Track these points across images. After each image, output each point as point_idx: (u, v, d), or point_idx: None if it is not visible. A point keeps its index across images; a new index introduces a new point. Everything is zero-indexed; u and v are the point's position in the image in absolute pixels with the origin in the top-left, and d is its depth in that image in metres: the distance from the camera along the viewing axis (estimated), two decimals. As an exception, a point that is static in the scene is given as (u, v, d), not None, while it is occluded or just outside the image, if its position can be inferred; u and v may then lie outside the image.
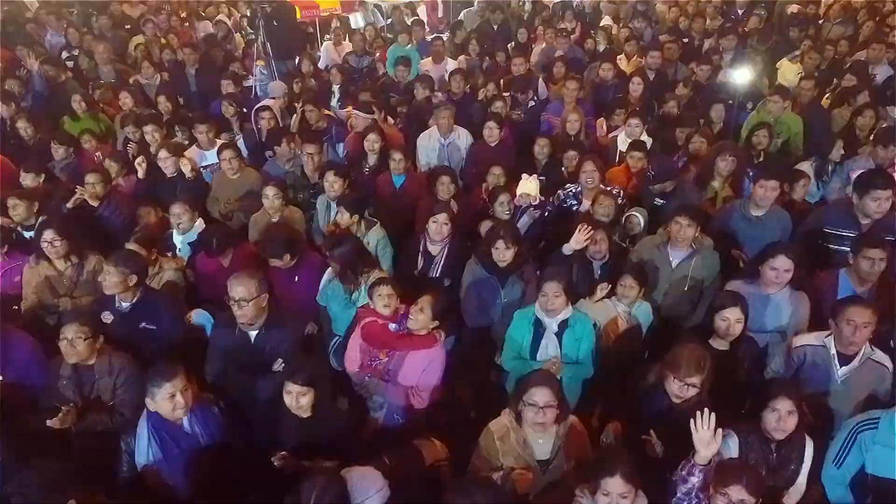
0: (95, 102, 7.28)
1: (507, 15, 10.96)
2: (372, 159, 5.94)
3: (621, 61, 8.63)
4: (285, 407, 3.22)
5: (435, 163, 6.47)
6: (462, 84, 7.34)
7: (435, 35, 9.20)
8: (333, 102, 7.86)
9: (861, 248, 4.04)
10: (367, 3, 10.02)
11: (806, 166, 5.81)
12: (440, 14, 12.86)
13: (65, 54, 9.40)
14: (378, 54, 8.93)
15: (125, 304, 3.95)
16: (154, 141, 6.12)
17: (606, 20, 10.50)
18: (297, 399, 3.19)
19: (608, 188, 5.27)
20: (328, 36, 10.22)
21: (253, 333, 3.67)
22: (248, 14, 8.06)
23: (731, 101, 7.06)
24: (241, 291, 3.50)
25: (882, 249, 3.97)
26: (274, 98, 7.21)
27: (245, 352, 3.64)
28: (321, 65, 9.91)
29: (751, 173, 5.70)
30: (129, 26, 10.53)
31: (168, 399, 3.14)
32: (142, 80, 8.32)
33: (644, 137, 6.07)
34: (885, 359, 3.53)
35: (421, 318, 3.70)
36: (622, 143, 6.18)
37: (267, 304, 3.67)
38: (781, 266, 3.92)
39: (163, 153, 5.67)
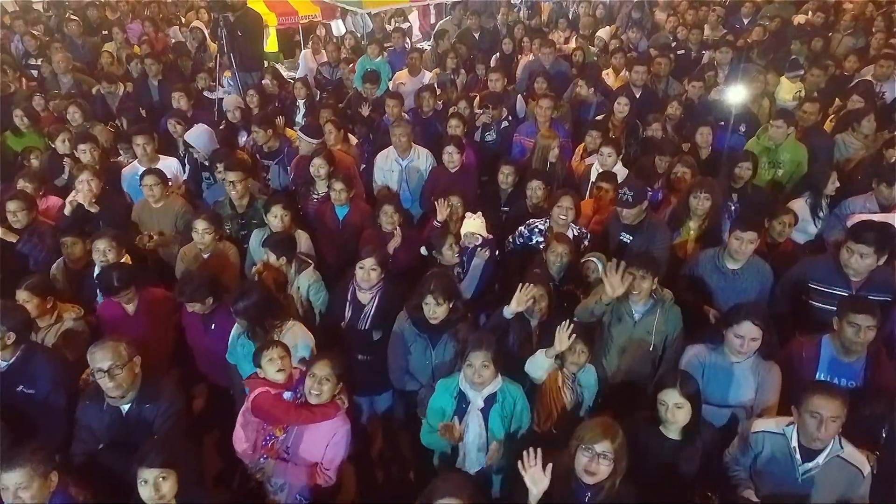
0: (39, 117, 6.84)
1: (496, 23, 10.45)
2: (321, 187, 5.44)
3: (609, 76, 8.08)
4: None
5: (393, 186, 6.00)
6: (431, 101, 6.83)
7: (412, 47, 8.68)
8: (299, 118, 7.40)
9: (846, 311, 3.48)
10: (354, 10, 9.50)
11: (800, 204, 5.23)
12: (432, 20, 12.35)
13: (32, 62, 9.05)
14: (351, 66, 8.44)
15: (1, 364, 3.50)
16: (91, 161, 5.66)
17: (604, 31, 9.91)
18: (157, 488, 2.70)
19: (576, 230, 4.75)
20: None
21: (125, 407, 3.19)
22: (211, 23, 7.59)
23: (721, 123, 6.48)
24: (107, 359, 3.03)
25: (870, 315, 3.40)
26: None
27: (116, 429, 3.16)
28: (299, 74, 9.47)
29: (732, 204, 5.17)
30: (106, 32, 10.18)
31: (11, 493, 2.68)
32: (103, 91, 7.91)
33: (619, 168, 5.50)
34: (858, 459, 2.96)
35: (325, 390, 3.20)
36: (595, 173, 5.62)
37: (140, 371, 3.18)
38: (747, 334, 3.38)
39: (84, 175, 5.19)
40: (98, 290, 4.36)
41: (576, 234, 4.73)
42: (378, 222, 4.85)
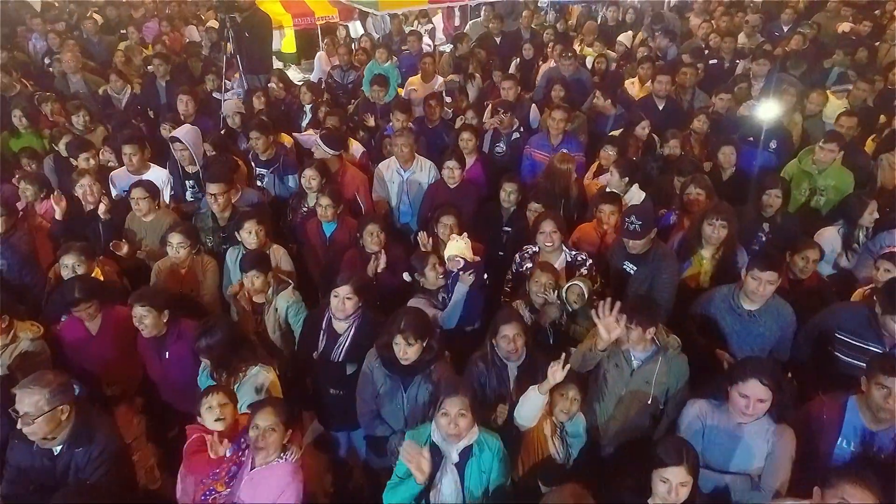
0: (38, 118, 6.69)
1: (519, 26, 10.04)
2: (311, 200, 5.14)
3: (634, 85, 7.61)
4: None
5: (392, 199, 5.67)
6: (438, 109, 6.48)
7: (424, 52, 8.33)
8: (304, 123, 7.12)
9: (876, 372, 3.02)
10: (373, 12, 9.21)
11: (831, 233, 4.74)
12: (457, 22, 12.00)
13: (47, 60, 9.00)
14: (361, 69, 8.13)
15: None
16: (93, 168, 5.46)
17: (625, 36, 9.41)
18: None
19: (570, 255, 4.34)
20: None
21: (56, 449, 2.92)
22: (217, 25, 7.38)
23: (750, 139, 5.98)
24: (25, 404, 2.75)
25: (905, 380, 2.94)
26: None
27: (47, 472, 2.90)
28: (314, 77, 9.24)
29: (763, 234, 4.69)
30: (124, 31, 10.09)
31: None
32: (111, 92, 7.76)
33: (634, 191, 5.05)
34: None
35: (271, 442, 2.89)
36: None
37: (73, 412, 2.90)
38: (753, 394, 2.95)
39: (85, 180, 4.99)
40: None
41: (569, 259, 4.32)
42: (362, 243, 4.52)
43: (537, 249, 4.39)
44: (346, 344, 3.77)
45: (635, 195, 5.01)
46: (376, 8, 8.74)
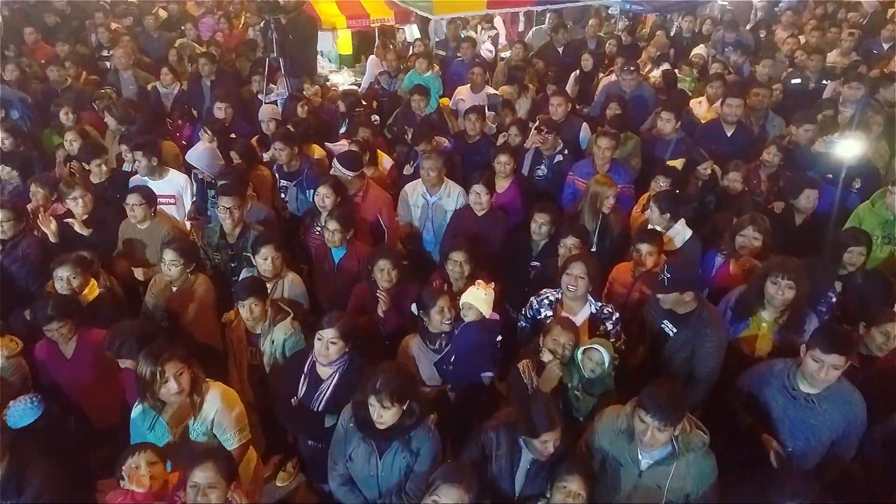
0: (82, 115, 6.63)
1: (584, 35, 9.40)
2: (324, 220, 4.76)
3: (701, 105, 6.88)
4: None
5: (417, 224, 5.24)
6: (479, 124, 5.99)
7: (475, 60, 7.85)
8: (344, 131, 6.80)
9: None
10: (427, 15, 8.81)
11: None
12: (521, 28, 11.45)
13: (105, 54, 9.10)
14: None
15: None
16: (100, 176, 5.32)
17: (699, 49, 8.62)
18: None
19: (595, 307, 3.77)
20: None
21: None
22: (261, 26, 7.18)
23: (829, 175, 5.20)
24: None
25: None
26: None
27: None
28: (365, 81, 8.94)
29: (834, 295, 3.97)
30: (184, 27, 10.10)
31: None
32: (160, 89, 7.71)
33: (679, 227, 4.42)
34: None
35: (213, 499, 2.52)
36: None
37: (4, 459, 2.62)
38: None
39: (76, 192, 4.74)
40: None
41: (594, 311, 3.76)
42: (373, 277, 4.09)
43: (559, 296, 3.85)
44: (328, 392, 3.36)
45: (679, 234, 4.37)
46: (431, 12, 8.34)
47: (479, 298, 3.64)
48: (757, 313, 3.74)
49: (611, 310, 3.79)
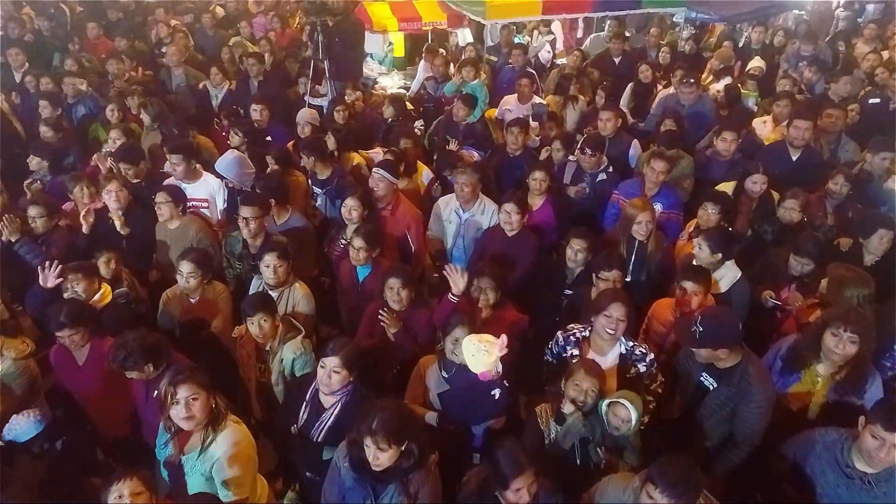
0: (129, 112, 6.67)
1: (644, 44, 8.95)
2: (350, 233, 4.59)
3: (766, 125, 6.38)
4: None
5: (447, 241, 5.01)
6: (521, 137, 5.70)
7: (524, 70, 7.53)
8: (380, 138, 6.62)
9: None
10: (480, 20, 8.53)
11: None
12: (579, 34, 11.05)
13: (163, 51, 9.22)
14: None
15: None
16: (130, 176, 5.30)
17: (756, 62, 8.04)
18: None
19: (626, 347, 3.44)
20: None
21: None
22: (308, 28, 7.08)
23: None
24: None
25: None
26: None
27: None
28: (413, 86, 8.77)
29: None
30: (239, 25, 10.17)
31: None
32: (209, 88, 7.73)
33: (729, 267, 4.01)
34: None
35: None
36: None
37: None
38: None
39: (112, 185, 4.75)
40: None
41: (624, 351, 3.44)
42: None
43: (587, 334, 3.53)
44: (329, 423, 3.18)
45: (727, 276, 3.98)
46: (483, 16, 8.08)
47: (482, 361, 3.21)
48: (811, 367, 3.34)
49: (644, 350, 3.46)
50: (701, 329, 3.09)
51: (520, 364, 3.93)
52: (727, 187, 5.03)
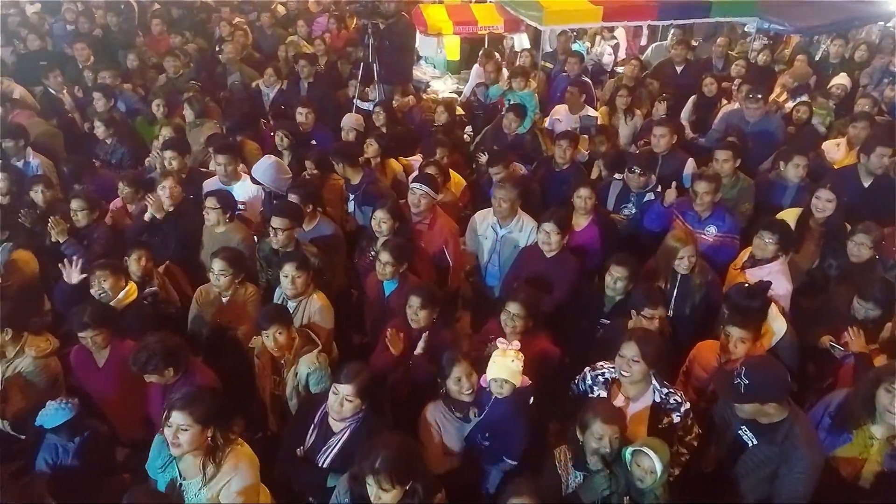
0: (176, 108, 6.75)
1: (710, 54, 8.48)
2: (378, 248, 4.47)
3: (839, 148, 5.90)
4: None
5: (483, 256, 4.83)
6: (570, 152, 5.45)
7: (575, 77, 7.25)
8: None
9: None
10: (537, 25, 8.26)
11: None
12: (643, 41, 10.62)
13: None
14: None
15: None
16: (172, 169, 5.34)
17: (840, 78, 7.46)
18: None
19: (661, 394, 3.16)
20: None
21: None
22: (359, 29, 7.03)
23: None
24: None
25: None
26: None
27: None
28: (465, 90, 8.60)
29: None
30: (297, 24, 10.22)
31: None
32: (262, 88, 7.78)
33: (774, 318, 3.66)
34: None
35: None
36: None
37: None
38: None
39: (167, 182, 4.79)
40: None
41: (658, 400, 3.16)
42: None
43: (616, 374, 3.28)
44: (336, 449, 3.07)
45: (779, 319, 3.63)
46: (540, 22, 7.82)
47: (510, 371, 3.14)
48: (865, 427, 2.99)
49: (679, 399, 3.17)
50: (746, 382, 2.80)
51: (550, 389, 3.76)
52: (791, 214, 4.65)
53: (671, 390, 3.18)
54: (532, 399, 3.35)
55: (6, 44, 8.62)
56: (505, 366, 3.13)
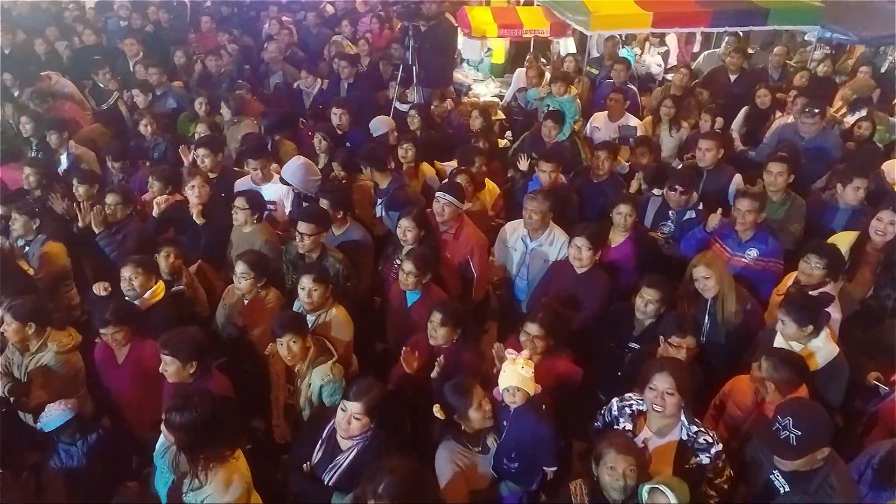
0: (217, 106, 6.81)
1: (766, 63, 8.10)
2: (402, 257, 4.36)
3: (900, 169, 5.51)
4: None
5: (511, 269, 4.68)
6: (608, 163, 5.24)
7: (621, 84, 7.00)
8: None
9: None
10: (583, 30, 8.03)
11: None
12: (696, 48, 10.25)
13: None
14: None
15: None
16: (210, 167, 5.36)
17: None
18: None
19: (689, 432, 2.95)
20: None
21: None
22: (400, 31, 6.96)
23: None
24: None
25: None
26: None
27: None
28: (507, 95, 8.45)
29: None
30: (342, 24, 10.23)
31: None
32: (302, 87, 7.79)
33: (821, 343, 3.38)
34: None
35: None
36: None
37: None
38: None
39: (196, 181, 4.79)
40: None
41: (686, 437, 2.96)
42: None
43: (644, 407, 3.09)
44: (342, 467, 2.98)
45: (822, 349, 3.35)
46: (587, 27, 7.60)
47: (521, 378, 3.03)
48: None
49: (710, 439, 2.94)
50: (797, 433, 2.57)
51: (575, 410, 3.60)
52: (846, 238, 4.35)
53: (701, 429, 2.96)
54: (544, 407, 3.19)
55: (62, 38, 8.90)
56: (515, 373, 3.02)
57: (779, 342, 3.41)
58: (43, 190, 5.19)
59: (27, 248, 4.62)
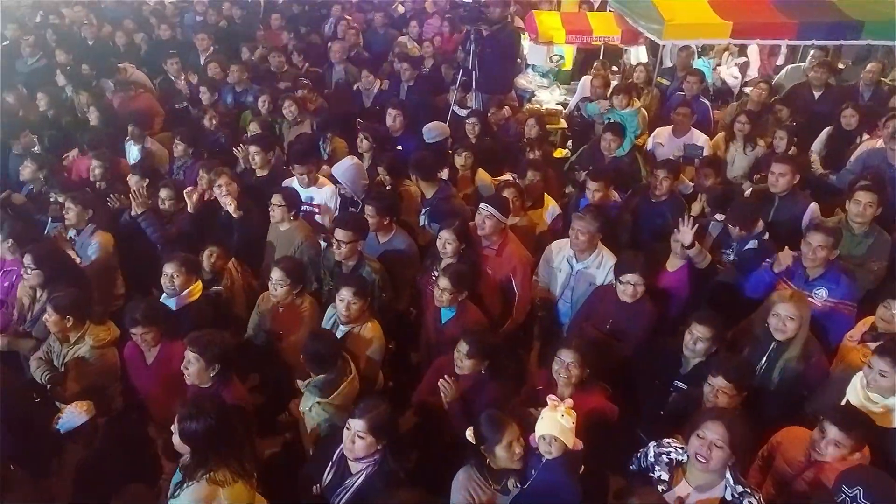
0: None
1: (858, 81, 7.46)
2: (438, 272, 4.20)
3: None
4: None
5: (555, 290, 4.44)
6: (667, 183, 4.92)
7: (692, 98, 6.59)
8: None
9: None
10: (656, 39, 7.63)
11: None
12: (780, 61, 9.61)
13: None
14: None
15: None
16: (255, 164, 5.38)
17: None
18: None
19: (734, 491, 2.66)
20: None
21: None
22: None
23: None
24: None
25: None
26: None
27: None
28: (570, 104, 8.16)
29: None
30: (409, 25, 10.17)
31: None
32: (361, 87, 7.77)
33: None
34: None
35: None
36: (858, 387, 3.20)
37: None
38: None
39: (222, 179, 4.79)
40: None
41: (729, 498, 2.67)
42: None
43: (684, 458, 2.81)
44: (351, 492, 2.85)
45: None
46: (660, 35, 7.21)
47: (561, 428, 2.80)
48: None
49: (755, 501, 2.65)
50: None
51: (612, 445, 3.37)
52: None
53: (747, 490, 2.67)
54: (583, 469, 2.95)
55: (140, 31, 9.22)
56: (555, 421, 2.79)
57: (854, 394, 3.05)
58: (108, 183, 5.34)
59: (76, 238, 4.76)
